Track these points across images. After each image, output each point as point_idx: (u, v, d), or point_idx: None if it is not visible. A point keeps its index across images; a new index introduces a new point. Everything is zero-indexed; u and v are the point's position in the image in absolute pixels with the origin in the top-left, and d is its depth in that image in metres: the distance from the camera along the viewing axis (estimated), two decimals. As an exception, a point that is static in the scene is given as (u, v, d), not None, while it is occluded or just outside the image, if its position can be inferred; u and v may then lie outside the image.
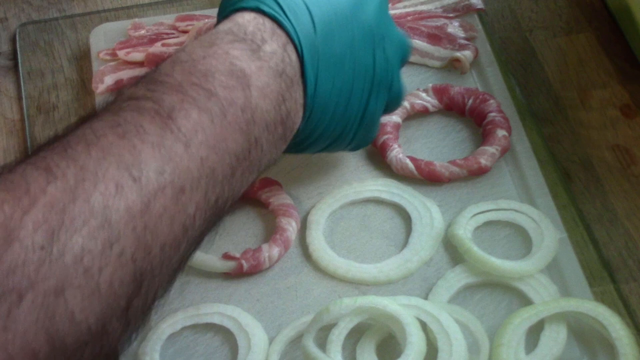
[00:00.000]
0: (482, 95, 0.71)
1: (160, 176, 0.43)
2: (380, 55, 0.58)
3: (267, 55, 0.51)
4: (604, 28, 0.79)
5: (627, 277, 0.63)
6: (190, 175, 0.45)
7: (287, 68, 0.52)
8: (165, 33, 0.78)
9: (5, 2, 0.84)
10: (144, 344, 0.58)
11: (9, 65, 0.79)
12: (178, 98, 0.46)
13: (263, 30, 0.52)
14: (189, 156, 0.45)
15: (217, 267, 0.62)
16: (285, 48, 0.52)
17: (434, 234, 0.64)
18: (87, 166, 0.42)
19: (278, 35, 0.52)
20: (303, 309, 0.61)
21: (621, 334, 0.56)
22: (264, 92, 0.50)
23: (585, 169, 0.69)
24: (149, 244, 0.42)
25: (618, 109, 0.73)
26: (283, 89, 0.51)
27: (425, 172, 0.67)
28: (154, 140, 0.44)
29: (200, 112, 0.46)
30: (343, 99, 0.56)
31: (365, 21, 0.57)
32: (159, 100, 0.46)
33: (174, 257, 0.45)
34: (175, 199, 0.44)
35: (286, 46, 0.52)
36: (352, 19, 0.56)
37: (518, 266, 0.61)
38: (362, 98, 0.57)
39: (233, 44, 0.51)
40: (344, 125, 0.57)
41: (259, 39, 0.52)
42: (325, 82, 0.54)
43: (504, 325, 0.57)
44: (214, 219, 0.48)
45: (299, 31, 0.53)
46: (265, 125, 0.50)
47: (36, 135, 0.73)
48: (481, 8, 0.79)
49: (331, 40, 0.54)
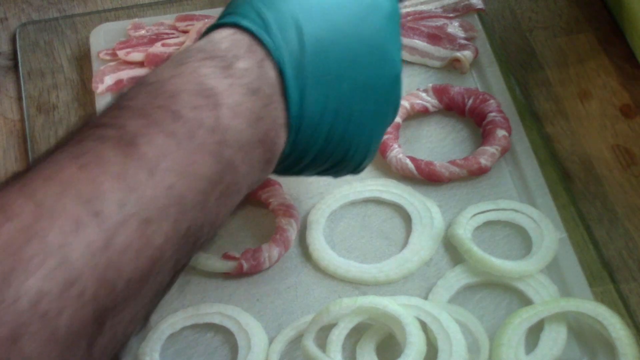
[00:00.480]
0: (482, 95, 0.71)
1: (123, 208, 0.40)
2: (389, 72, 0.54)
3: (239, 72, 0.47)
4: (604, 28, 0.79)
5: (627, 277, 0.63)
6: (156, 204, 0.42)
7: (263, 86, 0.48)
8: (165, 33, 0.78)
9: (5, 2, 0.84)
10: (144, 344, 0.58)
11: (9, 65, 0.79)
12: (142, 123, 0.43)
13: (239, 46, 0.49)
14: (154, 184, 0.42)
15: (217, 267, 0.62)
16: (262, 64, 0.48)
17: (434, 234, 0.64)
18: (44, 203, 0.39)
19: (254, 52, 0.49)
20: (303, 309, 0.61)
21: (621, 334, 0.56)
22: (236, 110, 0.46)
23: (585, 169, 0.69)
24: (113, 281, 0.40)
25: (618, 109, 0.73)
26: (258, 107, 0.47)
27: (425, 172, 0.67)
28: (116, 170, 0.41)
29: (165, 136, 0.43)
30: (341, 121, 0.52)
31: (371, 37, 0.53)
32: (121, 127, 0.43)
33: (142, 291, 0.42)
34: (141, 231, 0.41)
35: (263, 62, 0.48)
36: (354, 35, 0.52)
37: (518, 266, 0.61)
38: (367, 119, 0.53)
39: (203, 62, 0.47)
40: (347, 148, 0.53)
41: (232, 55, 0.48)
42: (316, 102, 0.50)
43: (504, 325, 0.57)
44: (189, 247, 0.45)
45: (281, 47, 0.49)
46: (239, 146, 0.46)
47: (36, 135, 0.73)
48: (481, 8, 0.79)
49: (324, 57, 0.50)
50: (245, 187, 0.48)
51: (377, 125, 0.55)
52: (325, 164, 0.54)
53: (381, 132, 0.56)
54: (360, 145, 0.54)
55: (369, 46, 0.53)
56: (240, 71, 0.48)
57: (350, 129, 0.53)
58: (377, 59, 0.53)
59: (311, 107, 0.50)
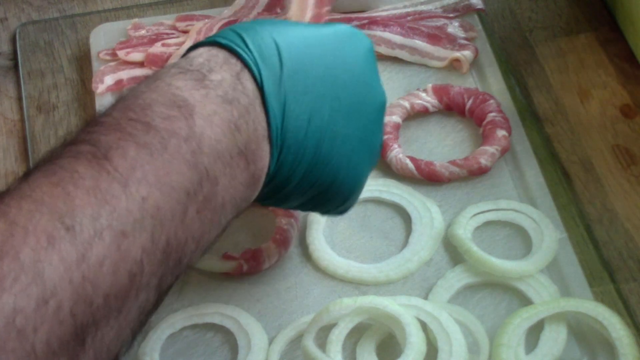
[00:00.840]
0: (482, 95, 0.71)
1: (96, 222, 0.40)
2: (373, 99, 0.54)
3: (213, 83, 0.47)
4: (604, 28, 0.79)
5: (627, 277, 0.63)
6: (130, 217, 0.41)
7: (239, 96, 0.47)
8: (165, 33, 0.78)
9: (5, 2, 0.84)
10: (144, 344, 0.58)
11: (9, 65, 0.79)
12: (115, 137, 0.43)
13: (214, 60, 0.48)
14: (127, 196, 0.41)
15: (217, 267, 0.62)
16: (239, 76, 0.48)
17: (434, 234, 0.64)
18: (17, 221, 0.39)
19: (230, 64, 0.48)
20: (303, 309, 0.61)
21: (621, 334, 0.56)
22: (211, 120, 0.45)
23: (585, 169, 0.69)
24: (89, 295, 0.39)
25: (618, 109, 0.73)
26: (235, 117, 0.47)
27: (425, 172, 0.67)
28: (89, 185, 0.41)
29: (138, 147, 0.43)
30: (327, 141, 0.51)
31: (351, 62, 0.53)
32: (95, 142, 0.43)
33: (124, 308, 0.41)
34: (116, 244, 0.40)
35: (240, 74, 0.48)
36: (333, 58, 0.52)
37: (518, 266, 0.61)
38: (353, 145, 0.53)
39: (177, 76, 0.47)
40: (334, 173, 0.52)
41: (207, 69, 0.48)
42: (298, 117, 0.49)
43: (504, 325, 0.57)
44: (172, 264, 0.44)
45: (258, 61, 0.48)
46: (216, 156, 0.45)
47: (36, 135, 0.73)
48: (481, 8, 0.79)
49: (304, 75, 0.50)
50: (230, 203, 0.47)
51: (363, 154, 0.54)
52: (312, 189, 0.52)
53: (368, 166, 0.55)
54: (348, 174, 0.53)
55: (350, 70, 0.52)
56: (214, 82, 0.47)
57: (336, 151, 0.52)
58: (360, 83, 0.53)
59: (294, 122, 0.49)
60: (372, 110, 0.54)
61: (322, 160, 0.51)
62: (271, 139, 0.48)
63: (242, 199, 0.48)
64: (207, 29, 0.76)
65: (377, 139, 0.55)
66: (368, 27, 0.77)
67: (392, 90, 0.72)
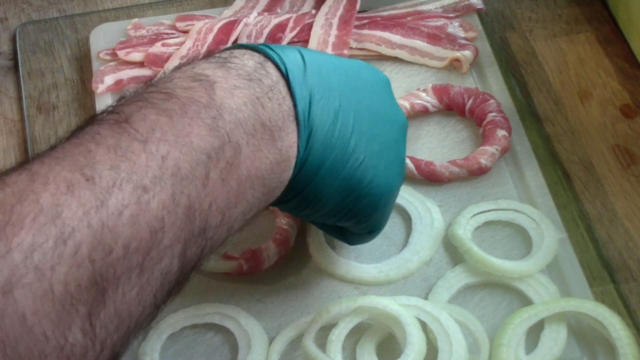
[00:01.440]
0: (482, 95, 0.71)
1: (115, 173, 0.41)
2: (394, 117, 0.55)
3: (236, 65, 0.49)
4: (604, 28, 0.79)
5: (627, 277, 0.63)
6: (150, 172, 0.42)
7: (262, 77, 0.49)
8: (165, 33, 0.78)
9: (5, 2, 0.84)
10: (144, 344, 0.58)
11: (9, 65, 0.79)
12: (137, 106, 0.45)
13: (238, 52, 0.50)
14: (147, 154, 0.42)
15: (217, 267, 0.62)
16: (263, 64, 0.49)
17: (434, 234, 0.64)
18: (38, 172, 0.40)
19: (254, 55, 0.50)
20: (303, 309, 0.61)
21: (621, 334, 0.56)
22: (232, 92, 0.47)
23: (585, 169, 0.69)
24: (108, 243, 0.39)
25: (618, 109, 0.73)
26: (257, 93, 0.48)
27: (425, 172, 0.67)
28: (110, 143, 0.42)
29: (158, 112, 0.44)
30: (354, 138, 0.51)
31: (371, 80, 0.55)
32: (118, 112, 0.45)
33: (146, 267, 0.41)
34: (136, 196, 0.41)
35: (263, 63, 0.49)
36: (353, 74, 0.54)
37: (518, 266, 0.61)
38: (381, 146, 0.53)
39: (200, 62, 0.49)
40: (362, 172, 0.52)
41: (231, 56, 0.49)
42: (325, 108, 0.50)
43: (504, 325, 0.57)
44: (195, 231, 0.44)
45: (282, 55, 0.50)
46: (238, 123, 0.46)
47: (36, 135, 0.73)
48: (481, 8, 0.79)
49: (327, 77, 0.51)
50: (257, 177, 0.47)
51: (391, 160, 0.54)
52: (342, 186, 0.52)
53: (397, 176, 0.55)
54: (376, 174, 0.53)
55: (370, 88, 0.54)
56: (237, 65, 0.49)
57: (364, 148, 0.52)
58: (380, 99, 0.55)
59: (321, 110, 0.50)
60: (394, 126, 0.55)
61: (350, 153, 0.51)
62: (298, 120, 0.49)
63: (270, 177, 0.48)
64: (207, 29, 0.76)
65: (402, 152, 0.56)
66: (368, 27, 0.77)
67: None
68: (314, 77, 0.51)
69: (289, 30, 0.76)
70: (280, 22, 0.77)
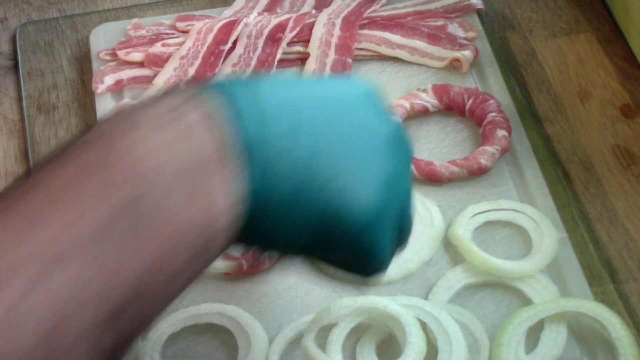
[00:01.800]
0: (482, 95, 0.71)
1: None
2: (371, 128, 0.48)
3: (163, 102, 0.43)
4: (604, 28, 0.79)
5: (627, 277, 0.63)
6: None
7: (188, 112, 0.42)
8: (165, 33, 0.78)
9: (5, 2, 0.84)
10: (144, 344, 0.58)
11: (9, 65, 0.79)
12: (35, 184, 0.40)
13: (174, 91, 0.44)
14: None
15: (217, 267, 0.62)
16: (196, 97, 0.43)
17: (434, 234, 0.64)
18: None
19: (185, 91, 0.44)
20: (303, 309, 0.61)
21: (621, 334, 0.56)
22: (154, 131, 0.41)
23: (585, 169, 0.69)
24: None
25: (618, 109, 0.73)
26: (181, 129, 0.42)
27: (425, 172, 0.67)
28: None
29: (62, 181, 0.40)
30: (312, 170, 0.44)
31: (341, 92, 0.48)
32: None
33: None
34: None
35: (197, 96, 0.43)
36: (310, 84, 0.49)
37: (518, 266, 0.61)
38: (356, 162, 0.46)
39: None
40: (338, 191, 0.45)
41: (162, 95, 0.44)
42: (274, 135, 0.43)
43: (504, 325, 0.57)
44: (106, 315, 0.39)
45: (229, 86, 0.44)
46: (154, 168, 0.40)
47: (36, 135, 0.73)
48: (481, 8, 0.79)
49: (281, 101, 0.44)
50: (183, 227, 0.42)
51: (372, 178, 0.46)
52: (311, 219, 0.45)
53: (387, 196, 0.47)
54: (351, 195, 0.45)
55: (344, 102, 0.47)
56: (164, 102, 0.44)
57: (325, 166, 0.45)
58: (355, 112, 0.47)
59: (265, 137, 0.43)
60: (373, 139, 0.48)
61: (312, 175, 0.44)
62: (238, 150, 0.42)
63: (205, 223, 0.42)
64: (207, 29, 0.76)
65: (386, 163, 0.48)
66: (368, 27, 0.77)
67: (392, 90, 0.73)
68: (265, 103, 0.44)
69: (289, 30, 0.76)
70: (280, 22, 0.77)
